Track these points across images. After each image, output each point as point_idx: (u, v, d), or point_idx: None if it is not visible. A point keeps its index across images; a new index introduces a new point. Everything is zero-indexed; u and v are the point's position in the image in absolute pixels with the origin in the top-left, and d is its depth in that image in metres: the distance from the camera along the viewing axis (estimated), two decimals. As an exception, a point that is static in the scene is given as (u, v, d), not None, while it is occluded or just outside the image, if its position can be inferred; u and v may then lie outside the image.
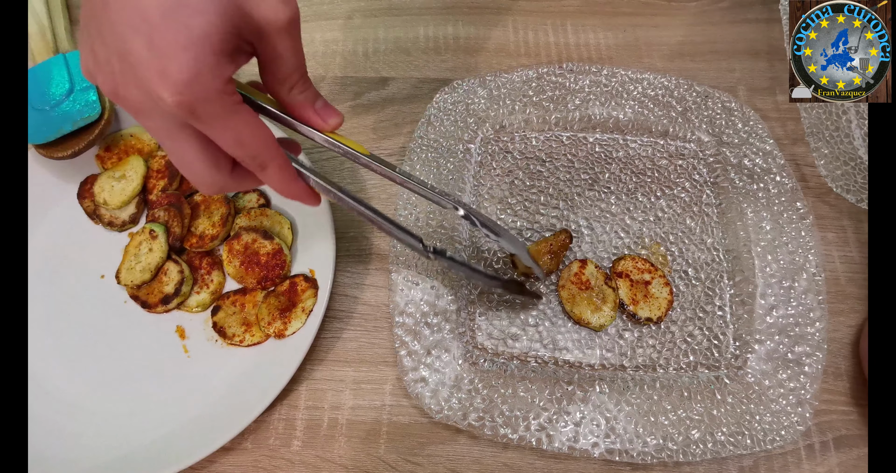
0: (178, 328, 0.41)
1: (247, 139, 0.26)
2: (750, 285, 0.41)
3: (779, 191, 0.44)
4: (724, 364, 0.40)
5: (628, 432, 0.36)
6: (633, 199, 0.45)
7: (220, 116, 0.24)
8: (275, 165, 0.28)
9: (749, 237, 0.42)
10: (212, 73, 0.23)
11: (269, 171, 0.28)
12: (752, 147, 0.45)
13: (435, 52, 0.53)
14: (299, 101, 0.29)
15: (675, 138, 0.47)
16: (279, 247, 0.42)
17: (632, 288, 0.41)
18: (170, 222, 0.43)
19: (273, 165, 0.28)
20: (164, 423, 0.38)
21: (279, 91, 0.28)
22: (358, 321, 0.42)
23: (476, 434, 0.37)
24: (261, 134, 0.26)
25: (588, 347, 0.40)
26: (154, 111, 0.24)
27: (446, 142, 0.46)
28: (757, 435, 0.36)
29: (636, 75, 0.48)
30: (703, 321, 0.41)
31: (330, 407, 0.39)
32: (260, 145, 0.26)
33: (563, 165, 0.47)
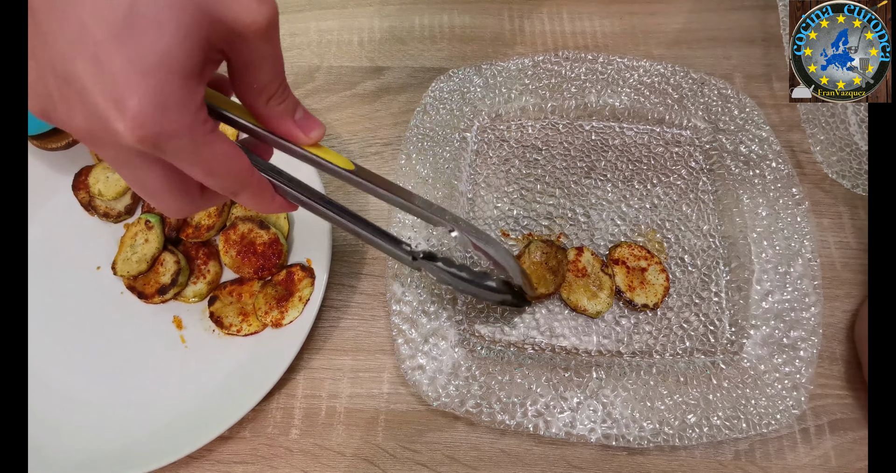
0: (175, 319, 0.41)
1: (220, 171, 0.23)
2: (746, 270, 0.41)
3: (775, 177, 0.44)
4: (720, 350, 0.40)
5: (625, 417, 0.36)
6: (630, 186, 0.45)
7: (189, 151, 0.21)
8: (249, 191, 0.25)
9: (745, 224, 0.42)
10: (179, 103, 0.19)
11: (242, 197, 0.25)
12: (748, 134, 0.45)
13: (430, 40, 0.53)
14: (278, 112, 0.25)
15: (671, 126, 0.47)
16: (275, 237, 0.42)
17: (628, 275, 0.41)
18: (165, 213, 0.42)
19: (247, 193, 0.25)
20: (162, 413, 0.38)
21: (255, 102, 0.25)
22: (355, 310, 0.42)
23: (474, 421, 0.37)
24: (235, 165, 0.23)
25: (585, 334, 0.41)
26: (106, 141, 0.20)
27: (442, 131, 0.46)
28: (752, 419, 0.36)
29: (632, 63, 0.48)
30: (699, 307, 0.41)
31: (328, 396, 0.39)
32: (234, 176, 0.23)
33: (560, 153, 0.47)
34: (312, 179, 0.42)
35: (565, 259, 0.41)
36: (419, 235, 0.42)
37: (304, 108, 0.27)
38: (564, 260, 0.41)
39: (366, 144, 0.48)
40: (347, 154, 0.48)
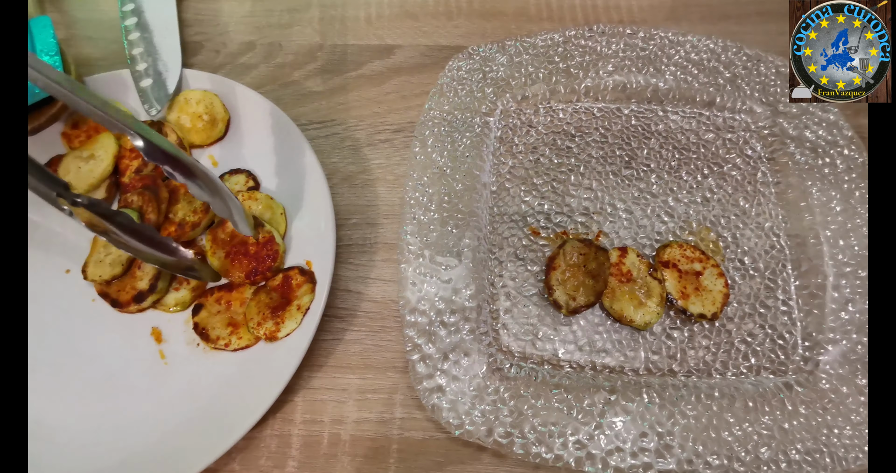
0: (154, 331, 0.36)
1: None
2: (819, 275, 0.35)
3: (847, 167, 0.38)
4: (793, 368, 0.34)
5: (686, 450, 0.31)
6: (677, 178, 0.40)
7: None
8: None
9: (815, 220, 0.37)
10: None
11: None
12: (813, 117, 0.40)
13: (446, 16, 0.47)
14: None
15: (722, 109, 0.42)
16: (270, 235, 0.36)
17: (680, 280, 0.35)
18: (144, 208, 0.37)
19: None
20: (136, 441, 0.33)
21: None
22: (362, 321, 0.37)
23: (503, 453, 0.31)
24: None
25: (631, 349, 0.35)
26: None
27: (461, 115, 0.40)
28: (837, 452, 0.31)
29: (677, 38, 0.42)
30: (764, 317, 0.35)
31: (331, 421, 0.34)
32: None
33: (595, 140, 0.41)
34: (314, 167, 0.37)
35: (607, 262, 0.36)
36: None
37: None
38: (606, 263, 0.35)
39: (374, 131, 0.43)
40: (353, 141, 0.42)
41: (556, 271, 0.36)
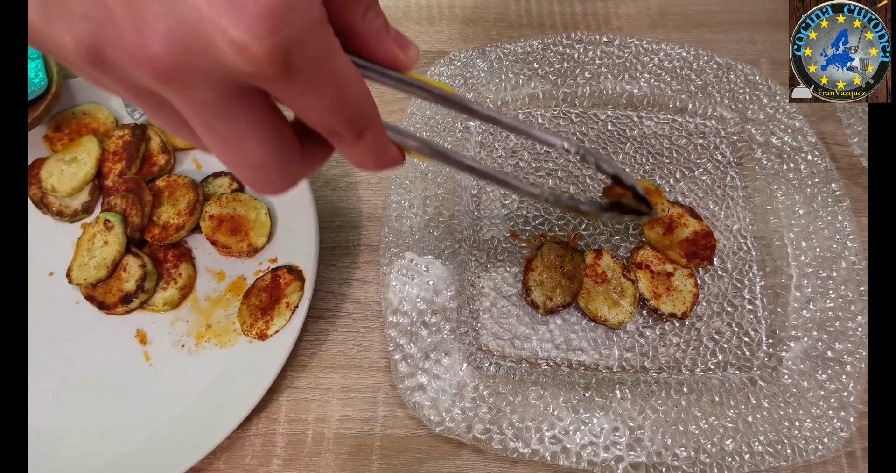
0: (139, 333, 0.36)
1: (353, 92, 0.18)
2: (783, 275, 0.37)
3: (811, 171, 0.40)
4: (757, 364, 0.35)
5: (655, 443, 0.32)
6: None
7: (322, 64, 0.16)
8: (374, 128, 0.19)
9: (780, 223, 0.38)
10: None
11: (366, 137, 0.19)
12: (779, 124, 0.41)
13: (428, 21, 0.48)
14: (376, 28, 0.20)
15: (694, 115, 0.43)
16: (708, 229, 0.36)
17: (653, 280, 0.37)
18: (128, 211, 0.37)
19: (372, 130, 0.19)
20: (123, 442, 0.33)
21: (352, 16, 0.20)
22: (345, 321, 0.37)
23: (482, 449, 0.33)
24: (363, 84, 0.18)
25: (605, 347, 0.36)
26: (198, 77, 0.15)
27: (443, 120, 0.41)
28: (798, 444, 0.32)
29: (651, 46, 0.44)
30: (731, 315, 0.37)
31: (315, 420, 0.35)
32: (366, 99, 0.18)
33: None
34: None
35: (582, 263, 0.37)
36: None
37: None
38: (582, 264, 0.37)
39: (357, 135, 0.43)
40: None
41: (533, 273, 0.37)
